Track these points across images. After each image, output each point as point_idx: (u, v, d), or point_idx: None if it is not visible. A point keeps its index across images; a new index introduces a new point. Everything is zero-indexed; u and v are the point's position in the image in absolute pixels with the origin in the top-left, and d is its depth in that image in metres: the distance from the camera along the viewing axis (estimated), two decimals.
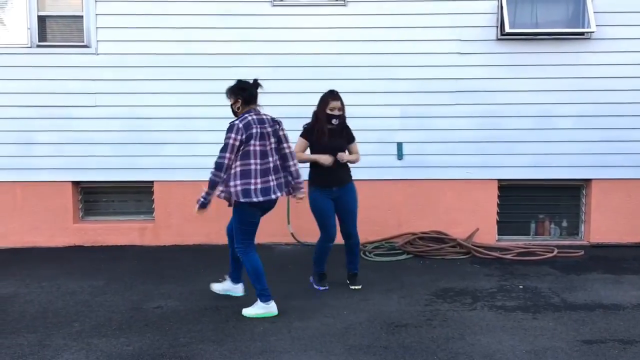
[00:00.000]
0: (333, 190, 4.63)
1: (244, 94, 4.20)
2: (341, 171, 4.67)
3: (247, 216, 4.15)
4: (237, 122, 4.05)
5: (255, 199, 4.06)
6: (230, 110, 4.31)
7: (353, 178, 4.81)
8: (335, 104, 4.57)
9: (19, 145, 6.28)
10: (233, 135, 3.99)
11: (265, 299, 4.14)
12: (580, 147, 6.29)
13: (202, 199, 4.06)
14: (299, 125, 6.14)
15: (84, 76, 6.22)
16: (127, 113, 6.26)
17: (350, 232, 4.74)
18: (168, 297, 4.55)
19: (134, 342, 3.67)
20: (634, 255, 5.91)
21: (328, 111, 4.57)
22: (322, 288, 4.82)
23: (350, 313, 4.20)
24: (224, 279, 4.55)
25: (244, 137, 4.01)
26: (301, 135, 4.71)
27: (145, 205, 6.58)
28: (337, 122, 4.58)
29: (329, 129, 4.57)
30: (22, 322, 4.04)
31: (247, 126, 4.04)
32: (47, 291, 4.77)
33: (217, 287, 4.53)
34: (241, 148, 4.03)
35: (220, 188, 4.05)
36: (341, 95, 4.70)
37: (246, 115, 4.11)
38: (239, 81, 4.28)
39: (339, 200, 4.66)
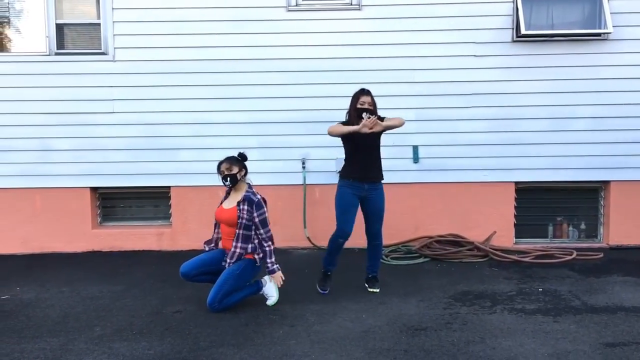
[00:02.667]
0: (364, 186, 4.61)
1: (244, 164, 4.52)
2: (375, 167, 4.66)
3: (253, 275, 4.46)
4: (259, 197, 4.43)
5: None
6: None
7: None
8: (365, 98, 4.58)
9: (37, 152, 6.35)
10: (266, 209, 4.43)
11: None
12: (598, 148, 6.25)
13: (276, 267, 4.44)
14: (314, 129, 6.21)
15: (101, 83, 6.29)
16: (144, 119, 6.32)
17: (375, 232, 4.72)
18: (187, 302, 4.56)
19: (155, 346, 3.69)
20: None
21: (359, 105, 4.55)
22: (321, 291, 4.78)
23: (369, 316, 4.19)
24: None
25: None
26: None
27: (163, 211, 6.63)
28: (369, 116, 4.46)
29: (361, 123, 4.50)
30: (44, 327, 4.07)
31: (265, 199, 4.50)
32: (67, 296, 4.81)
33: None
34: None
35: (243, 245, 4.39)
36: None
37: (255, 190, 4.50)
38: (240, 154, 4.54)
39: (367, 198, 4.64)
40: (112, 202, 6.67)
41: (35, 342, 3.78)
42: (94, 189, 6.51)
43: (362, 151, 4.62)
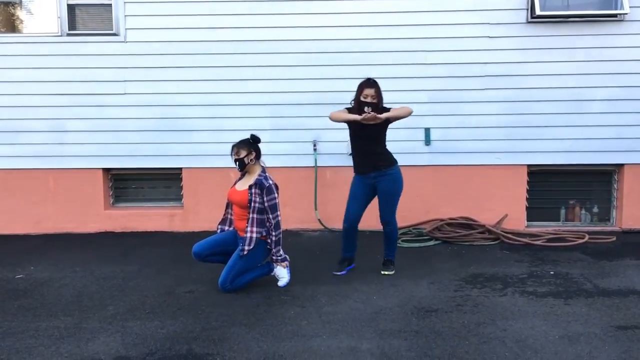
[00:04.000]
0: (370, 175, 4.62)
1: (257, 147, 4.47)
2: (376, 157, 4.61)
3: (261, 260, 4.46)
4: (270, 182, 4.37)
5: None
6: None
7: None
8: (368, 91, 4.51)
9: (51, 133, 6.38)
10: (277, 195, 4.39)
11: None
12: (612, 131, 6.18)
13: (280, 257, 4.46)
14: (326, 111, 6.16)
15: (113, 64, 6.29)
16: (156, 100, 6.33)
17: (384, 218, 4.71)
18: (199, 282, 4.60)
19: (168, 325, 3.73)
20: None
21: (362, 98, 4.53)
22: (337, 273, 4.81)
23: (380, 298, 4.21)
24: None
25: (278, 192, 4.45)
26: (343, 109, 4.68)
27: (174, 192, 6.66)
28: (370, 110, 4.47)
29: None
30: (58, 306, 4.13)
31: (277, 185, 4.45)
32: (80, 276, 4.87)
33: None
34: None
35: (258, 230, 4.36)
36: None
37: (268, 175, 4.44)
38: (253, 136, 4.49)
39: (376, 185, 4.64)
40: (124, 184, 6.71)
41: (49, 320, 3.84)
42: (106, 170, 6.55)
43: (362, 141, 4.62)
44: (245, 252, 4.29)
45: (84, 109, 6.35)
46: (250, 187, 4.37)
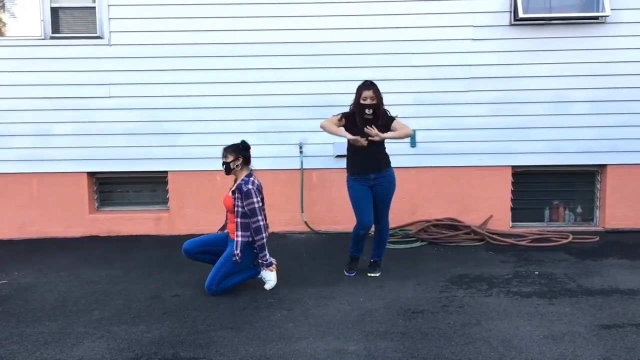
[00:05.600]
0: (370, 176, 4.58)
1: (246, 153, 4.45)
2: (376, 158, 4.59)
3: (248, 263, 4.43)
4: (250, 187, 4.31)
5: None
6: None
7: None
8: (367, 93, 4.47)
9: (34, 137, 6.33)
10: (255, 199, 4.30)
11: None
12: (595, 132, 6.26)
13: (265, 262, 4.41)
14: (312, 113, 6.19)
15: (97, 67, 6.26)
16: (140, 104, 6.30)
17: (379, 218, 4.72)
18: (185, 286, 4.58)
19: (154, 329, 3.72)
20: None
21: (361, 101, 4.50)
22: (347, 274, 4.83)
23: (366, 300, 4.22)
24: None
25: (260, 197, 4.38)
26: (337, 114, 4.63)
27: (160, 195, 6.63)
28: (371, 112, 4.47)
29: (364, 119, 4.49)
30: (42, 311, 4.09)
31: (260, 188, 4.42)
32: (65, 280, 4.83)
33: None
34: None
35: (244, 234, 4.34)
36: (353, 83, 4.67)
37: (253, 179, 4.40)
38: (243, 141, 4.48)
39: (374, 186, 4.61)
40: (109, 187, 6.67)
41: (34, 326, 3.80)
42: (91, 174, 6.50)
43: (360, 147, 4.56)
44: (238, 258, 4.28)
45: (68, 112, 6.30)
46: (233, 192, 4.38)
